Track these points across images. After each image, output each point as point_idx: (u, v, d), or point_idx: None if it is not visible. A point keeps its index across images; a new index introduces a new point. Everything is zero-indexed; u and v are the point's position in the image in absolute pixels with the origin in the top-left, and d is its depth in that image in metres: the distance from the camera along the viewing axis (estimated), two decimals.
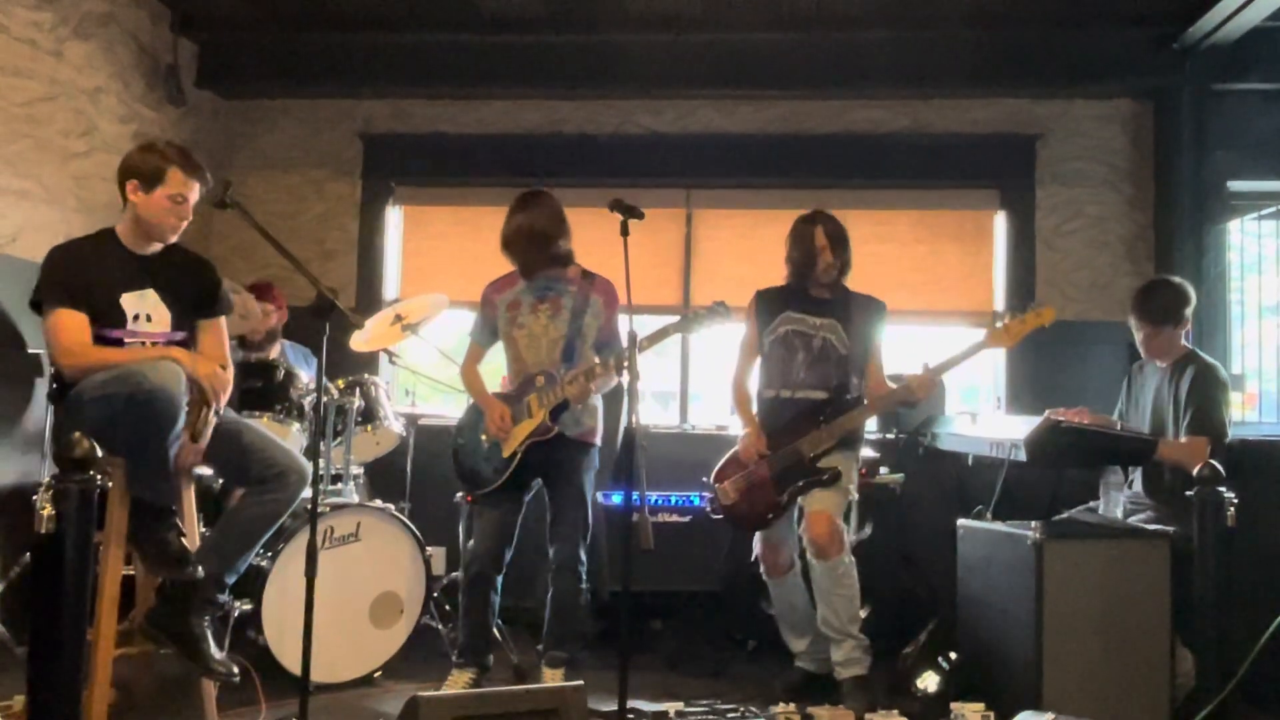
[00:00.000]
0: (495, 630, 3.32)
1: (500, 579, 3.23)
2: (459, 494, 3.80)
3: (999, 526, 3.18)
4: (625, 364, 2.74)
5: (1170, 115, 4.44)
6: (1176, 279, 3.39)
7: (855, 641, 3.19)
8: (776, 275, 3.40)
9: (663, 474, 3.99)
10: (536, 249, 3.19)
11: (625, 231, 2.51)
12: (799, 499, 3.25)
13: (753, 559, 3.43)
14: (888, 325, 3.40)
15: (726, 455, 3.40)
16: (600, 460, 3.38)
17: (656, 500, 3.84)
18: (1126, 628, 2.88)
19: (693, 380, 4.71)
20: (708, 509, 3.35)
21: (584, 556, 3.22)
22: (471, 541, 3.26)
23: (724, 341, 4.57)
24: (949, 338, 3.97)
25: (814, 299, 3.37)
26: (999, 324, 3.10)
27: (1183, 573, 2.80)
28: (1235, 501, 2.53)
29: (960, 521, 3.37)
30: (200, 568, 2.43)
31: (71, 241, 2.54)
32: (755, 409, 3.40)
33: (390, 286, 4.73)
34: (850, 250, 3.31)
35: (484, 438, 3.29)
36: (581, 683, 2.35)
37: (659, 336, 2.94)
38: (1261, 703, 2.21)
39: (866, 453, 3.96)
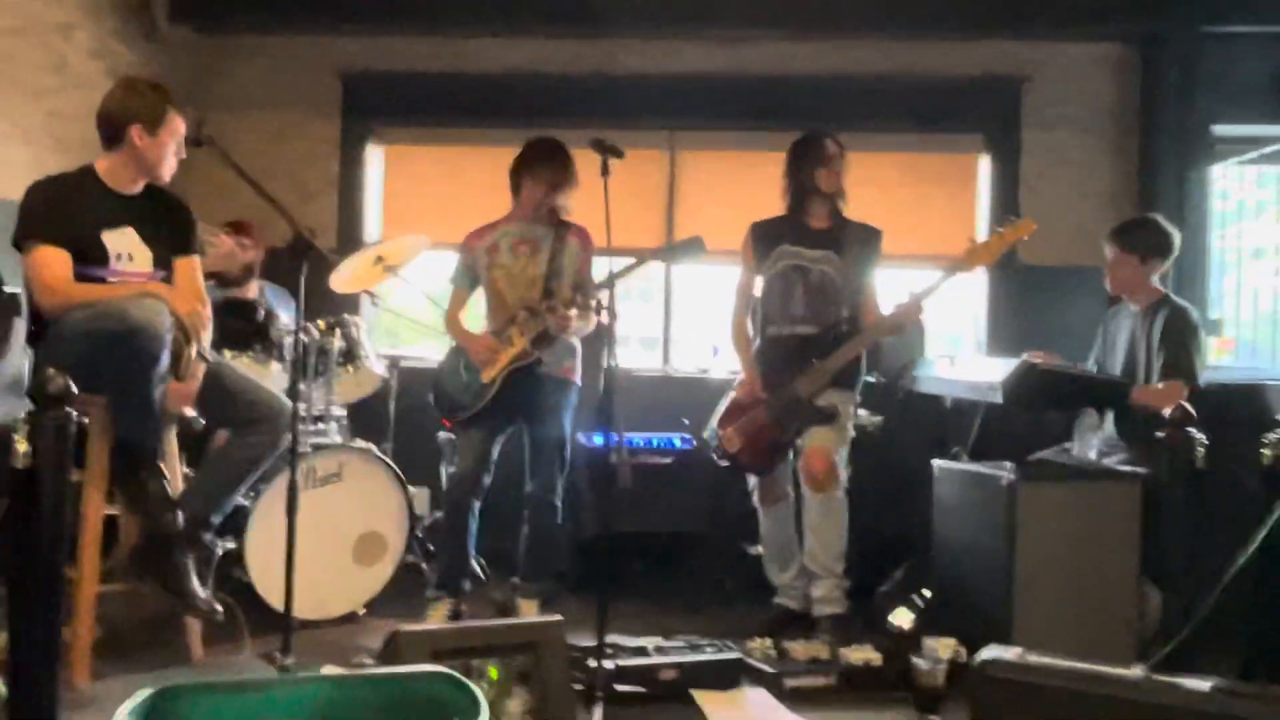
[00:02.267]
0: (474, 563, 3.37)
1: (478, 505, 3.24)
2: (441, 433, 3.81)
3: (974, 467, 3.21)
4: (604, 304, 2.71)
5: (1157, 58, 4.41)
6: (1163, 220, 3.38)
7: (836, 580, 3.24)
8: (761, 218, 3.50)
9: (644, 416, 4.01)
10: (553, 194, 3.19)
11: (605, 171, 2.50)
12: (798, 439, 3.28)
13: (749, 491, 3.44)
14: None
15: (726, 401, 3.41)
16: (581, 402, 3.40)
17: (637, 442, 3.85)
18: (1097, 567, 2.92)
19: (675, 324, 4.70)
20: (714, 456, 3.38)
21: (561, 490, 3.25)
22: (453, 466, 3.30)
23: (706, 283, 4.64)
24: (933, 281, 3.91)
25: (811, 231, 3.34)
26: (979, 243, 3.09)
27: (1153, 514, 2.86)
28: (1205, 443, 2.56)
29: (936, 462, 3.37)
30: (180, 515, 2.43)
31: (52, 176, 2.50)
32: (757, 347, 3.40)
33: (371, 228, 4.67)
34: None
35: (464, 372, 3.30)
36: (560, 617, 2.37)
37: (634, 267, 2.95)
38: (1225, 640, 2.27)
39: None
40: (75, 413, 1.79)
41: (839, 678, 2.72)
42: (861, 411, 4.03)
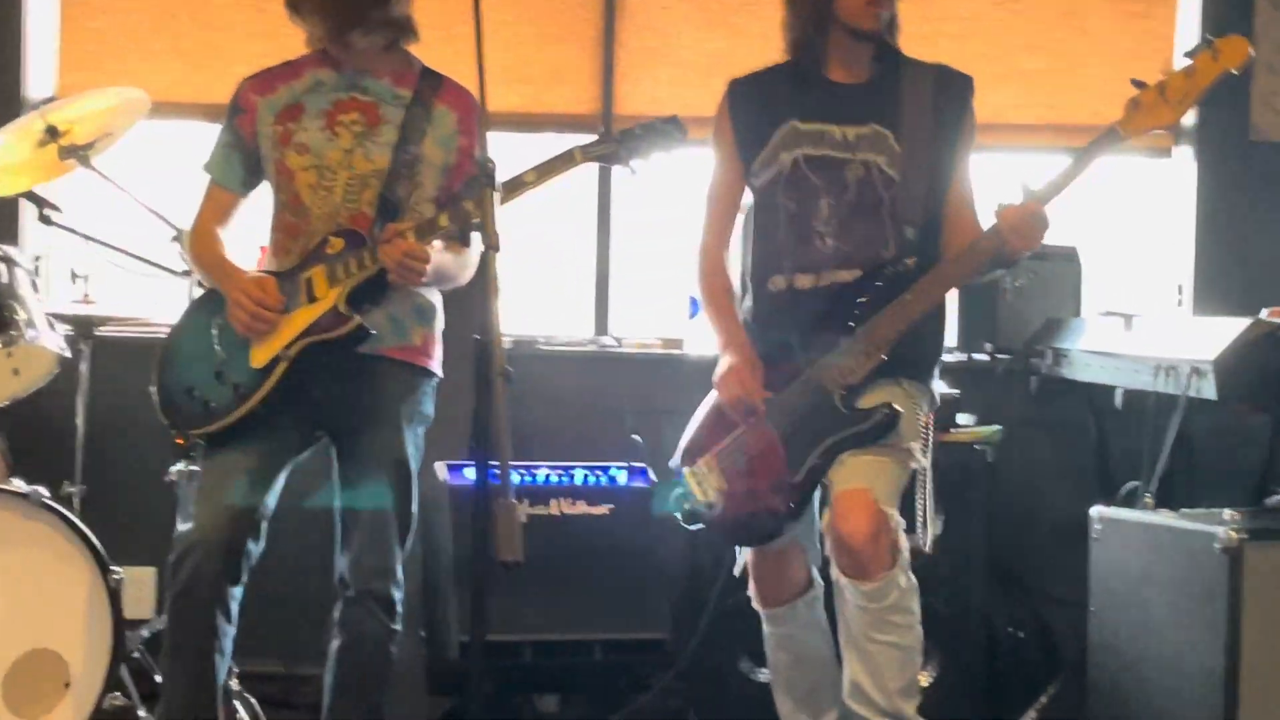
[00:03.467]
0: (229, 701, 3.27)
1: (238, 593, 3.11)
2: (178, 466, 3.68)
3: (1166, 518, 3.34)
4: (491, 230, 2.61)
5: None
6: None
7: None
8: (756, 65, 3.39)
9: (564, 431, 4.08)
10: (352, 4, 3.11)
11: None
12: (824, 473, 3.18)
13: (734, 574, 3.40)
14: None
15: (700, 410, 3.33)
16: (443, 409, 3.31)
17: (549, 479, 3.86)
18: None
19: (618, 266, 4.81)
20: (677, 515, 3.33)
21: (400, 573, 3.13)
22: (184, 522, 3.14)
23: (674, 188, 4.55)
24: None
25: (840, 92, 3.24)
26: (1149, 87, 3.01)
27: None
28: None
29: (1097, 510, 3.50)
30: None
31: None
32: (741, 316, 3.33)
33: (38, 77, 4.67)
34: None
35: (218, 346, 3.16)
36: None
37: (551, 170, 3.04)
38: None
39: (939, 386, 3.97)
40: None
41: None
42: (963, 417, 4.09)
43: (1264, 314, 3.37)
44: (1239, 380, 3.31)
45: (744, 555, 3.36)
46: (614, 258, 4.81)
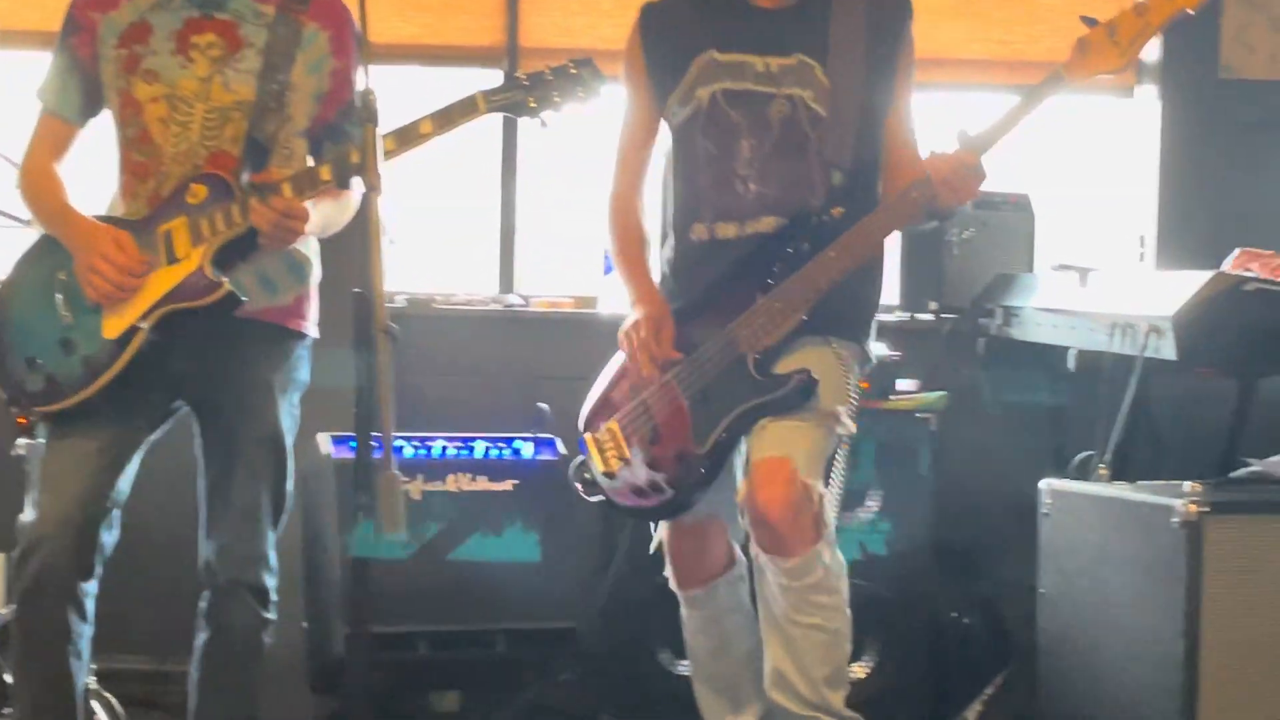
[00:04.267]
0: (86, 703, 3.25)
1: (92, 588, 3.09)
2: (21, 440, 3.56)
3: (1120, 490, 3.36)
4: (373, 174, 2.61)
5: None
6: None
7: None
8: None
9: (463, 397, 4.12)
10: None
11: None
12: (741, 439, 3.22)
13: (650, 552, 3.42)
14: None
15: (607, 371, 3.35)
16: (321, 376, 3.29)
17: (446, 453, 3.89)
18: None
19: (525, 216, 4.86)
20: (575, 483, 3.35)
21: (273, 558, 3.13)
22: (29, 510, 3.10)
23: (589, 131, 4.56)
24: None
25: (760, 15, 3.23)
26: (1099, 25, 3.01)
27: None
28: None
29: (1047, 483, 3.52)
30: None
31: None
32: (660, 267, 3.36)
33: None
34: None
35: (61, 299, 3.11)
36: None
37: (451, 119, 3.02)
38: None
39: (877, 348, 3.99)
40: None
41: None
42: (903, 382, 4.12)
43: (1226, 265, 3.42)
44: (1201, 340, 3.33)
45: (660, 532, 3.38)
46: (521, 207, 4.83)
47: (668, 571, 3.37)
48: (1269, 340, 3.42)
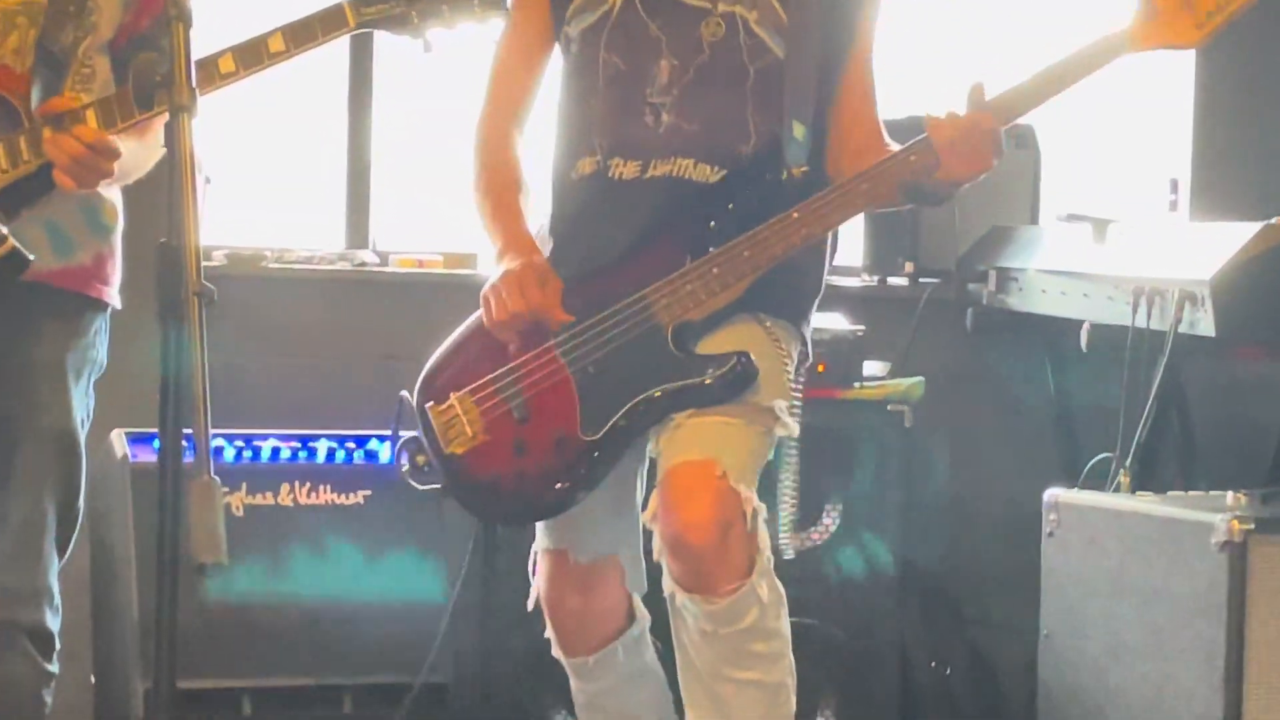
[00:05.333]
0: None
1: None
2: None
3: (1146, 504, 3.41)
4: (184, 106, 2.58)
5: None
6: None
7: None
8: None
9: (302, 382, 4.17)
10: None
11: None
12: (651, 434, 3.25)
13: (529, 608, 3.40)
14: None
15: (461, 330, 3.37)
16: (120, 355, 3.30)
17: (275, 453, 3.94)
18: None
19: (383, 157, 4.92)
20: (403, 467, 3.35)
21: (58, 596, 3.12)
22: None
23: (468, 56, 4.57)
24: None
25: None
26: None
27: None
28: None
29: (1054, 494, 3.57)
30: None
31: None
32: (549, 211, 3.36)
33: None
34: None
35: None
36: None
37: (309, 35, 3.05)
38: None
39: (830, 323, 4.00)
40: None
41: None
42: (869, 364, 4.13)
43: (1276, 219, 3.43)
44: (1246, 311, 3.36)
45: (537, 581, 3.38)
46: (376, 144, 4.83)
47: (550, 633, 3.38)
48: None
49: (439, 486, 3.29)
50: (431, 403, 3.27)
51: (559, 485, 3.20)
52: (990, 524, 4.20)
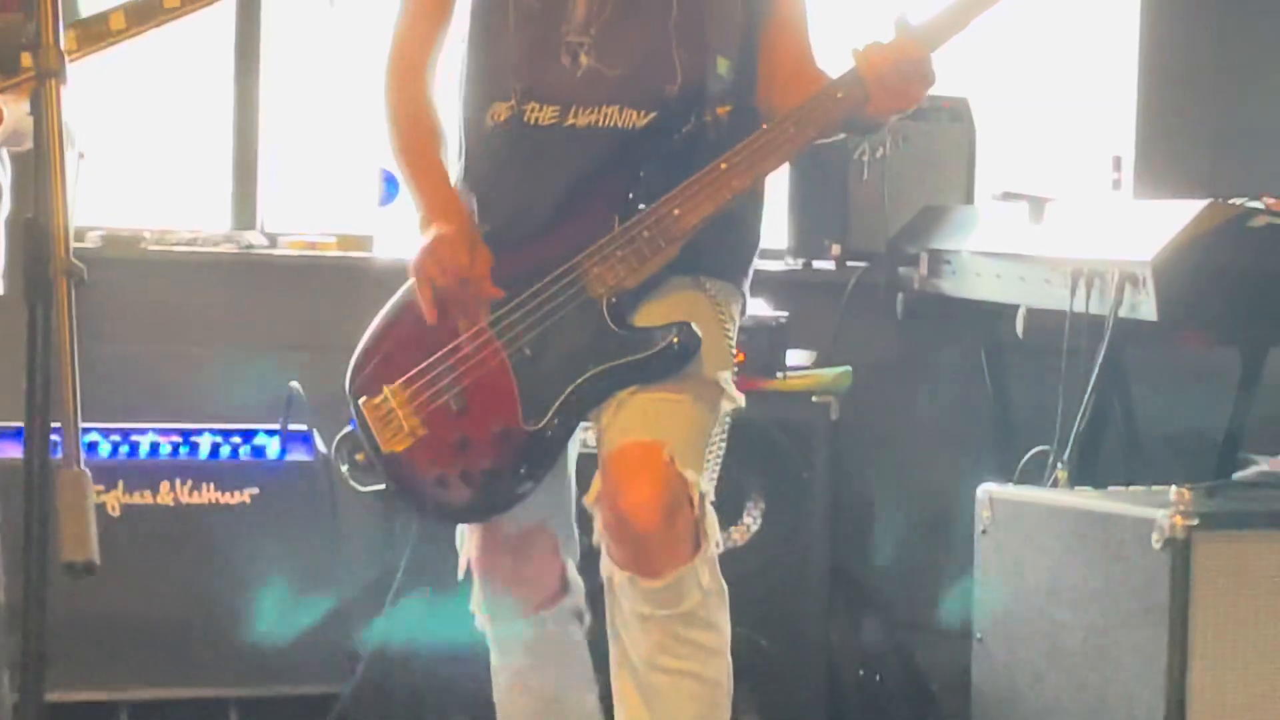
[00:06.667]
0: None
1: None
2: None
3: (1085, 499, 3.43)
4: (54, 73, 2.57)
5: None
6: None
7: None
8: None
9: (185, 372, 4.18)
10: None
11: None
12: (590, 415, 3.26)
13: (459, 576, 3.40)
14: None
15: (387, 313, 3.36)
16: None
17: (154, 449, 3.89)
18: None
19: (273, 132, 4.93)
20: (343, 466, 3.34)
21: None
22: None
23: (363, 21, 4.53)
24: None
25: None
26: None
27: None
28: None
29: (987, 489, 3.58)
30: None
31: None
32: (462, 162, 3.35)
33: None
34: None
35: None
36: None
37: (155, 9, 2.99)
38: None
39: (751, 309, 3.96)
40: None
41: None
42: (795, 353, 4.16)
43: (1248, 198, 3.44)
44: (1190, 294, 3.35)
45: (468, 547, 3.39)
46: (265, 118, 4.81)
47: (475, 602, 3.39)
48: (1267, 309, 3.49)
49: (383, 488, 3.29)
50: (364, 397, 3.26)
51: (508, 480, 3.22)
52: (922, 522, 4.22)
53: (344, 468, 3.31)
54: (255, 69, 4.79)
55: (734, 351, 3.30)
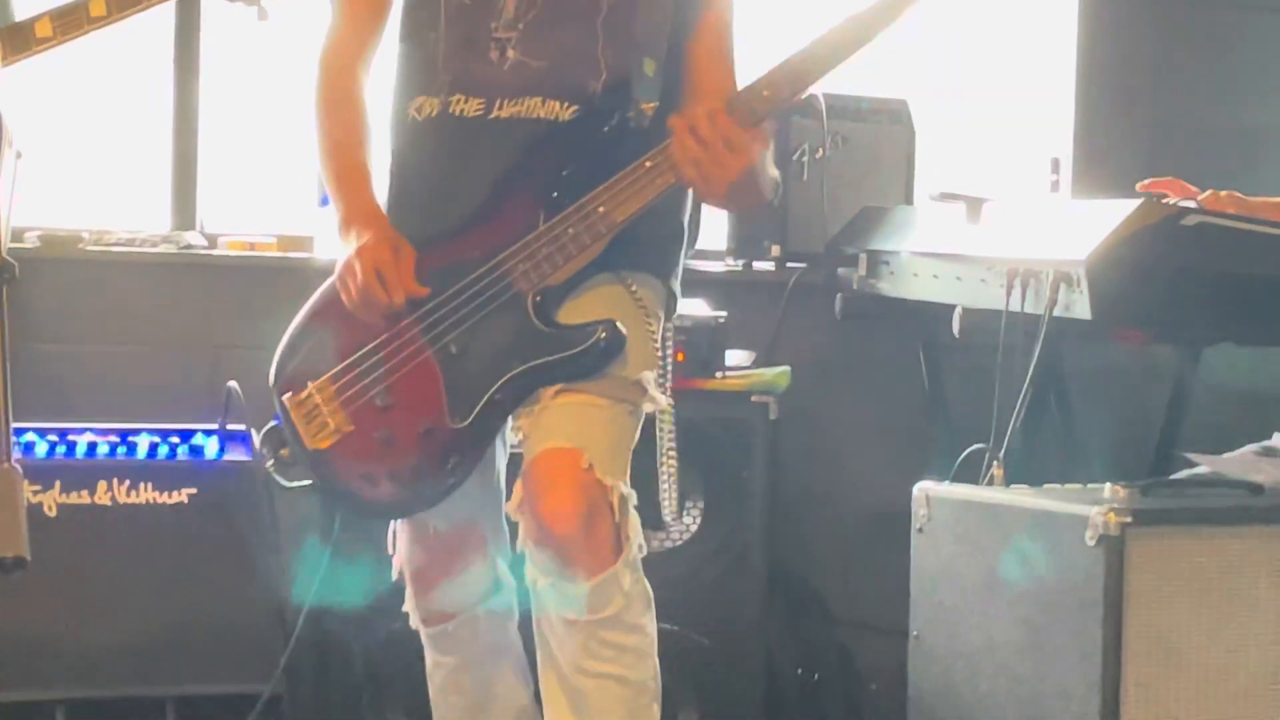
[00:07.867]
0: None
1: None
2: None
3: (1020, 497, 3.46)
4: None
5: None
6: None
7: None
8: None
9: (122, 372, 4.16)
10: None
11: None
12: (512, 416, 3.26)
13: (393, 579, 3.43)
14: None
15: (311, 308, 3.36)
16: None
17: (91, 449, 3.89)
18: None
19: (212, 132, 4.88)
20: (267, 461, 3.33)
21: None
22: None
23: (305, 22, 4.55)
24: None
25: None
26: None
27: None
28: None
29: (924, 488, 3.59)
30: None
31: None
32: (390, 157, 3.35)
33: None
34: None
35: None
36: None
37: (127, 4, 3.00)
38: None
39: (691, 309, 4.04)
40: None
41: None
42: (733, 353, 4.16)
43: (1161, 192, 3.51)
44: (1124, 293, 3.36)
45: (399, 549, 3.39)
46: (205, 118, 4.79)
47: (407, 602, 3.39)
48: (1216, 294, 3.49)
49: (308, 483, 3.28)
50: (289, 393, 3.24)
51: (434, 476, 3.20)
52: (860, 520, 4.24)
53: (269, 464, 3.30)
54: (195, 68, 4.75)
55: (659, 349, 3.29)
